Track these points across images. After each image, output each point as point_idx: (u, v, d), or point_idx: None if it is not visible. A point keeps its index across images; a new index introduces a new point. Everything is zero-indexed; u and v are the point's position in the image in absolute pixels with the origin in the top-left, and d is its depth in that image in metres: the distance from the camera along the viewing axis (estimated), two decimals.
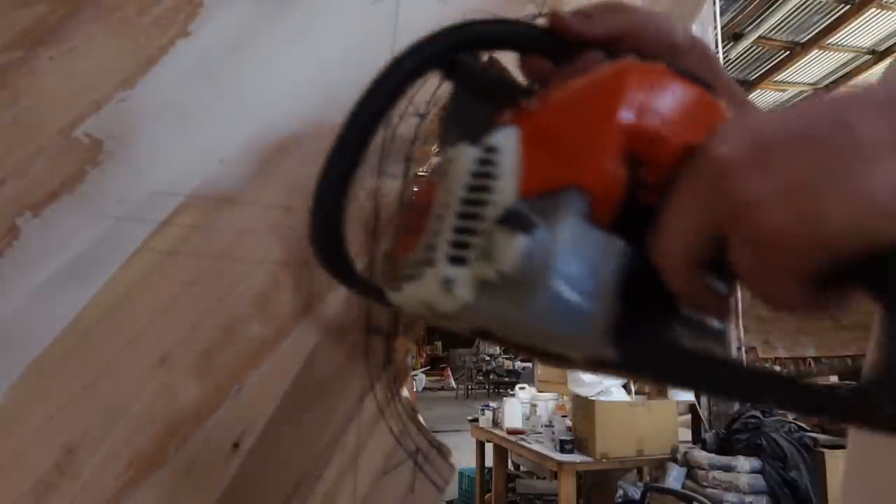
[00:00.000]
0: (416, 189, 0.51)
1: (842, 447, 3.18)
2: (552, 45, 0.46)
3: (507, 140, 0.41)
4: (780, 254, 0.29)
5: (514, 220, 0.37)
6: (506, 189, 0.40)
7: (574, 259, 0.35)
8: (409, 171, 0.66)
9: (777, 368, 6.72)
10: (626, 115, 0.36)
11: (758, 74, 7.86)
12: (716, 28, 4.45)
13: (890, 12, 6.21)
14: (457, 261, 0.40)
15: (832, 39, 6.80)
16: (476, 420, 4.90)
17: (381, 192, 0.64)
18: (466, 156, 0.43)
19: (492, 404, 4.93)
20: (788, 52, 7.28)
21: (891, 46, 6.85)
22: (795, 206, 0.28)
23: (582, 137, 0.38)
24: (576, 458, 3.56)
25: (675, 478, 3.38)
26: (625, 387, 3.87)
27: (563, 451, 3.61)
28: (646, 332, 0.37)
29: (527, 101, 0.42)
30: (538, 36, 0.48)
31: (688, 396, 3.86)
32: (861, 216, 0.27)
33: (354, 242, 0.50)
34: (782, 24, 6.71)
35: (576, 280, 0.35)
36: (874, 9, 6.17)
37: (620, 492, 4.04)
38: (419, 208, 0.47)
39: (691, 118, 0.36)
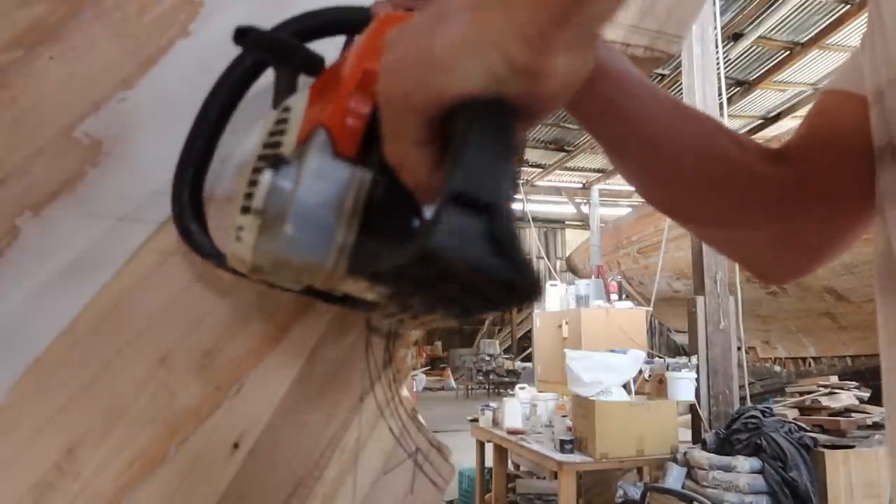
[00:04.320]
0: None
1: (842, 447, 3.18)
2: None
3: (299, 99, 0.46)
4: (396, 112, 0.33)
5: (271, 161, 0.41)
6: (289, 141, 0.44)
7: (316, 189, 0.40)
8: None
9: (777, 369, 6.71)
10: (365, 60, 0.40)
11: (758, 74, 7.86)
12: (716, 28, 4.44)
13: None
14: (245, 210, 0.45)
15: (832, 39, 6.79)
16: (476, 420, 4.90)
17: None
18: (268, 118, 0.49)
19: (492, 404, 4.92)
20: (788, 52, 7.28)
21: None
22: (401, 71, 0.32)
23: (335, 85, 0.42)
24: (576, 458, 3.56)
25: (675, 478, 3.38)
26: (625, 387, 3.87)
27: (563, 451, 3.61)
28: (368, 255, 0.40)
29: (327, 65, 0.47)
30: (365, 21, 0.52)
31: (688, 396, 3.86)
32: (427, 71, 0.31)
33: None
34: (782, 24, 6.70)
35: (317, 207, 0.40)
36: None
37: (620, 492, 4.04)
38: None
39: None
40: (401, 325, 0.55)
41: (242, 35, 0.48)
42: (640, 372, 4.07)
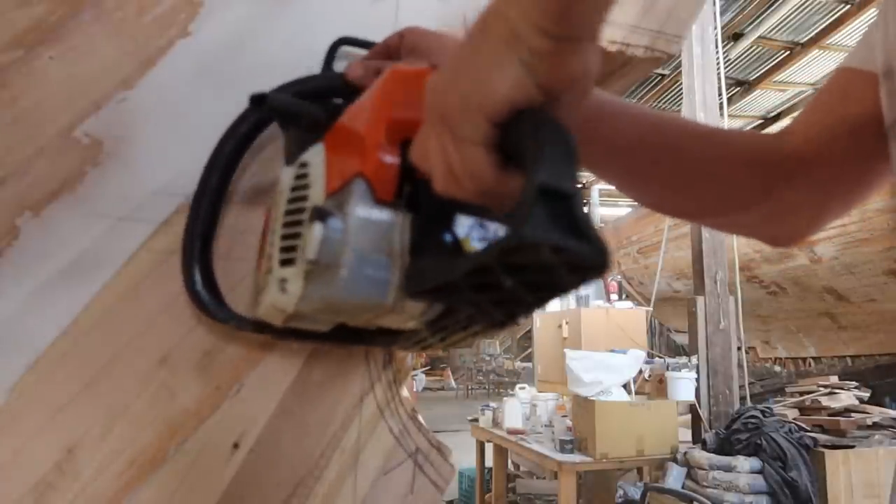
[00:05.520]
0: (264, 217, 0.58)
1: (842, 447, 3.18)
2: (351, 89, 0.55)
3: (315, 154, 0.49)
4: (461, 118, 0.35)
5: (315, 214, 0.44)
6: (316, 194, 0.47)
7: (365, 235, 0.43)
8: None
9: (777, 369, 6.71)
10: (388, 111, 0.44)
11: (758, 74, 7.86)
12: (716, 28, 4.45)
13: None
14: (287, 262, 0.48)
15: (832, 39, 6.79)
16: (476, 420, 4.90)
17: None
18: (286, 175, 0.52)
19: (492, 404, 4.93)
20: (788, 52, 7.28)
21: None
22: (455, 85, 0.36)
23: (359, 136, 0.45)
24: (576, 458, 3.56)
25: (675, 478, 3.38)
26: (625, 387, 3.87)
27: (563, 451, 3.61)
28: (425, 272, 0.42)
29: (332, 120, 0.50)
30: (340, 86, 0.58)
31: (688, 396, 3.86)
32: (485, 73, 0.34)
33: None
34: (782, 24, 6.70)
35: (369, 251, 0.43)
36: (874, 8, 6.17)
37: (620, 492, 4.04)
38: (264, 231, 0.55)
39: None
40: (424, 350, 0.56)
41: (260, 101, 0.51)
42: (640, 372, 4.08)
